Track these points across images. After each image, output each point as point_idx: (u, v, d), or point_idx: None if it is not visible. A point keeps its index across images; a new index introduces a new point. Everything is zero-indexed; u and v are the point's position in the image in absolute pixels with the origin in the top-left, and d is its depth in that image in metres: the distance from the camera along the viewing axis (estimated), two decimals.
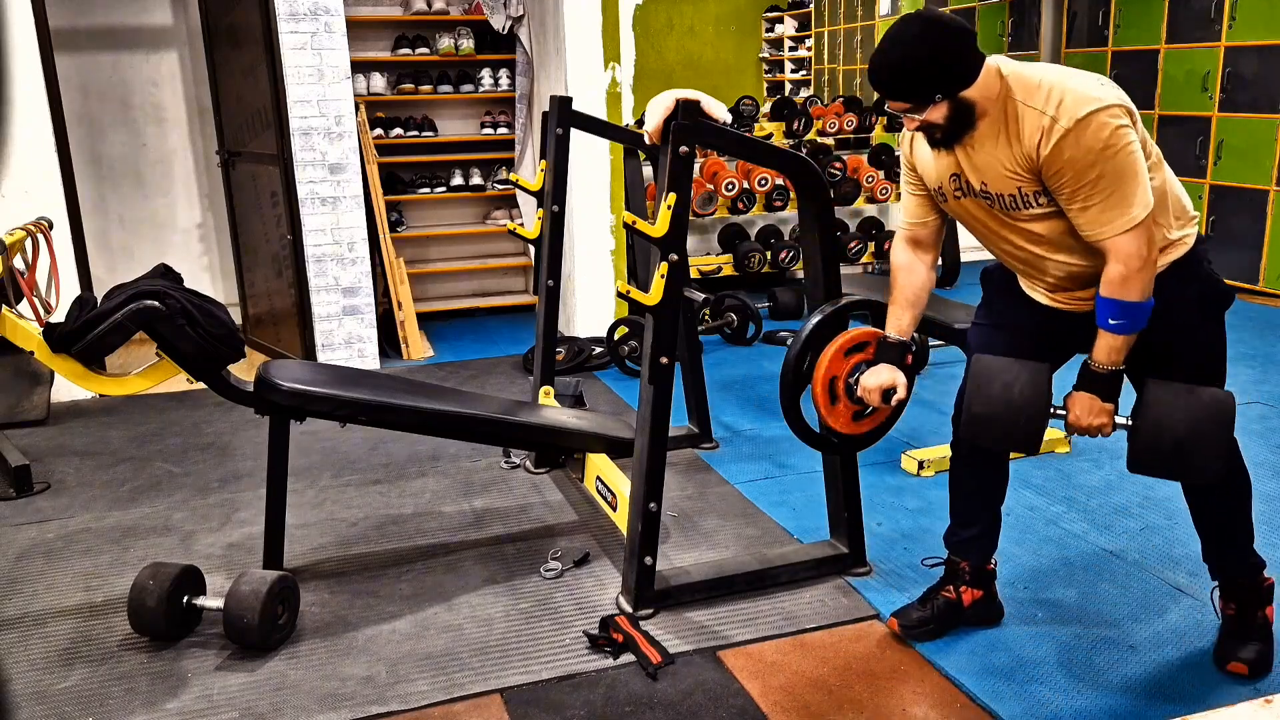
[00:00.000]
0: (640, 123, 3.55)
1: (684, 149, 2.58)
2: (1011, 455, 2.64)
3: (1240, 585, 2.45)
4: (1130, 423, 2.22)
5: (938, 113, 2.14)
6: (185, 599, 2.69)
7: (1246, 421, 4.08)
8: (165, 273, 2.79)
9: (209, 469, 3.98)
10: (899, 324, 2.48)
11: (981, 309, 2.57)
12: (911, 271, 2.49)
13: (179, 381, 2.81)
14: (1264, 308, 5.79)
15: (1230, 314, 2.32)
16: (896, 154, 6.45)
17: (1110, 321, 2.15)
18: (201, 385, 2.75)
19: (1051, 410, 2.25)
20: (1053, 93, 2.08)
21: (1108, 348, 2.18)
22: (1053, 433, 3.85)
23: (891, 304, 2.51)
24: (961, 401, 2.42)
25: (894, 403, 2.47)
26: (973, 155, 2.21)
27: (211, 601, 2.71)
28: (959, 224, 2.44)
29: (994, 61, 2.15)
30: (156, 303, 2.57)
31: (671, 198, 2.58)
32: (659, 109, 2.61)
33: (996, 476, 2.59)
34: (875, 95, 8.47)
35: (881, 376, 2.44)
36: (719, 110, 2.66)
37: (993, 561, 2.67)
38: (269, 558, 2.90)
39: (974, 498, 2.61)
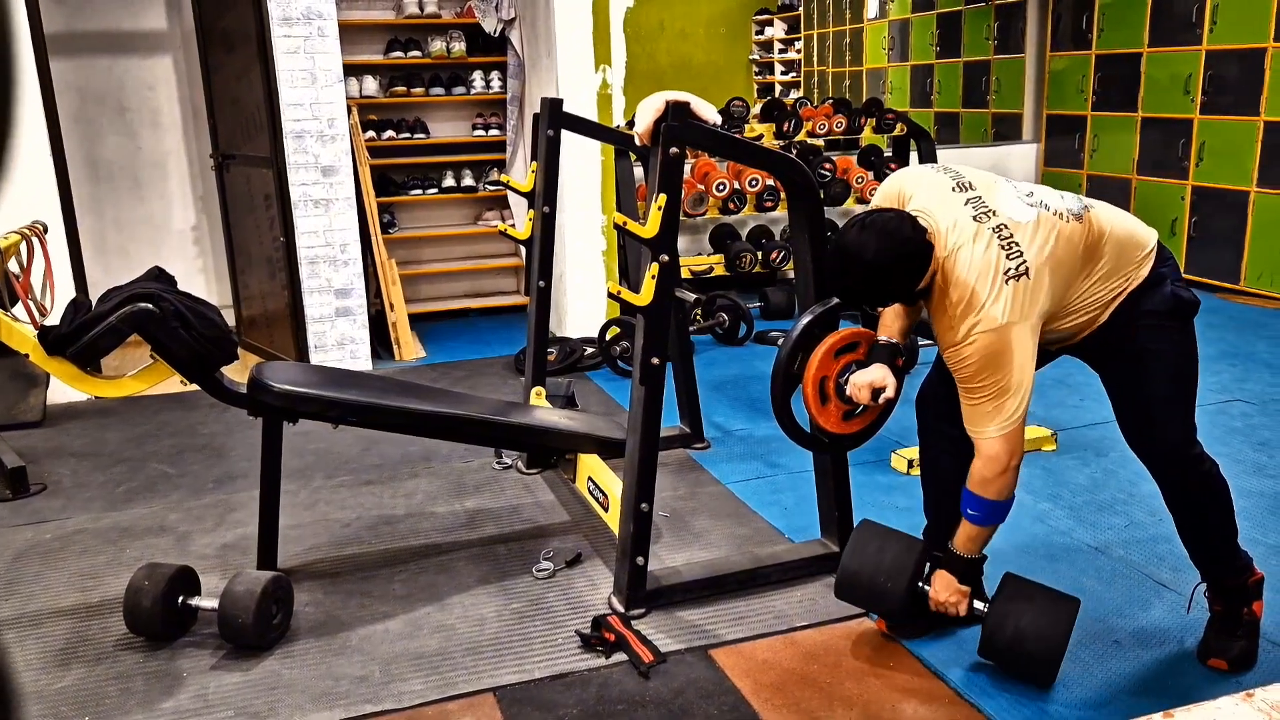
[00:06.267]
0: (631, 124, 3.57)
1: (674, 150, 2.60)
2: None
3: (1227, 585, 2.48)
4: (984, 610, 2.44)
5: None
6: (180, 599, 2.71)
7: (1229, 419, 4.13)
8: (159, 275, 2.81)
9: (204, 470, 3.99)
10: (889, 331, 2.53)
11: None
12: None
13: (174, 383, 2.83)
14: (1245, 307, 5.82)
15: (1212, 313, 2.38)
16: (886, 155, 6.48)
17: (969, 512, 2.36)
18: (196, 387, 2.77)
19: (919, 585, 2.49)
20: (960, 298, 2.21)
21: (966, 536, 2.41)
22: (1040, 430, 3.89)
23: (881, 314, 2.56)
24: (925, 387, 2.62)
25: (883, 401, 2.50)
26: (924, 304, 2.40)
27: (206, 602, 2.73)
28: None
29: (915, 212, 2.28)
30: (150, 305, 2.58)
31: (662, 199, 2.61)
32: (649, 111, 2.63)
33: (968, 459, 2.63)
34: (864, 98, 8.49)
35: (872, 375, 2.47)
36: (709, 112, 2.68)
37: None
38: (263, 558, 2.92)
39: (944, 482, 2.64)
